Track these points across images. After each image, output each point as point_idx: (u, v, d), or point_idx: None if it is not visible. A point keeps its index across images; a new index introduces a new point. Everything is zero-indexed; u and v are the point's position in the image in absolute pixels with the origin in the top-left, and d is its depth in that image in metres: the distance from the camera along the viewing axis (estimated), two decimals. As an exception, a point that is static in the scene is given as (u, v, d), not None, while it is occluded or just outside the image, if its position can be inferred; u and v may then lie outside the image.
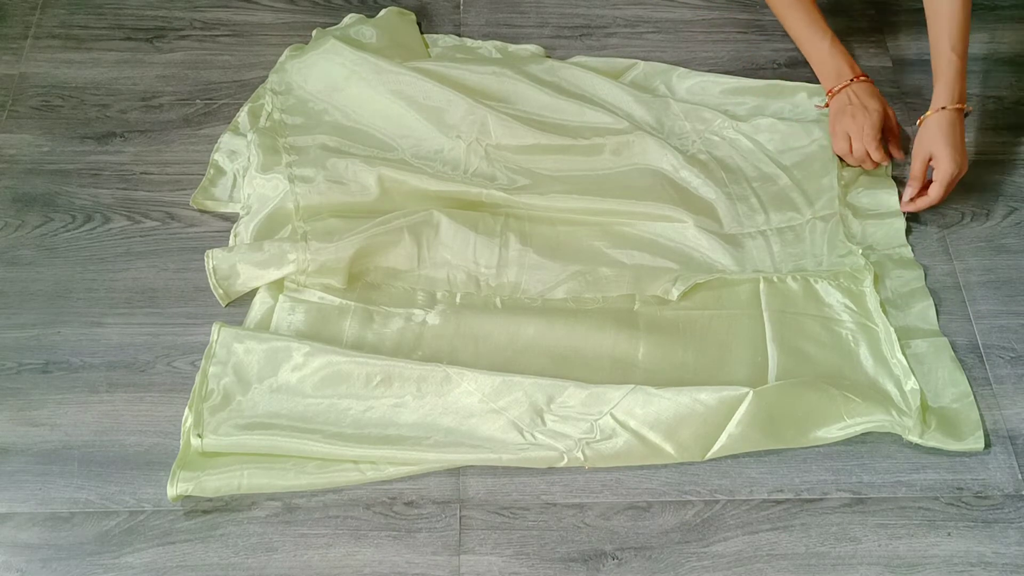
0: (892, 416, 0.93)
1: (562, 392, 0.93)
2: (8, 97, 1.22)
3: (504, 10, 1.36)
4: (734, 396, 0.91)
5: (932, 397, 0.96)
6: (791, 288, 1.04)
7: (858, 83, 1.14)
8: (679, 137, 1.19)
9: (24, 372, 0.98)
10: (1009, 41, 1.33)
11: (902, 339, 1.00)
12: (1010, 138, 1.22)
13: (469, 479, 0.92)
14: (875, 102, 1.13)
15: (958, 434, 0.94)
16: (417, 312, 1.01)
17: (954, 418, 0.95)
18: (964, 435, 0.94)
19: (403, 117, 1.17)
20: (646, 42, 1.32)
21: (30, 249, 1.08)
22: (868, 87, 1.15)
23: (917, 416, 0.93)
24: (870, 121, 1.11)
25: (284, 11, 1.34)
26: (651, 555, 0.88)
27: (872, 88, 1.15)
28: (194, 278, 1.05)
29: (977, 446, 0.93)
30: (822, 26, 1.17)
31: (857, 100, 1.13)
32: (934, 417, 0.94)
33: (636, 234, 1.10)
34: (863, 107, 1.12)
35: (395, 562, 0.87)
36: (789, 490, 0.92)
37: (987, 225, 1.13)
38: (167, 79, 1.25)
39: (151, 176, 1.15)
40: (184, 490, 0.88)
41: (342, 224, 1.05)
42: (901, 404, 0.95)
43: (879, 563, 0.88)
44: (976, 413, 0.95)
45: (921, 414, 0.93)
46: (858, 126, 1.11)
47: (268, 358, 0.95)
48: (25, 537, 0.88)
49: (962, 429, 0.94)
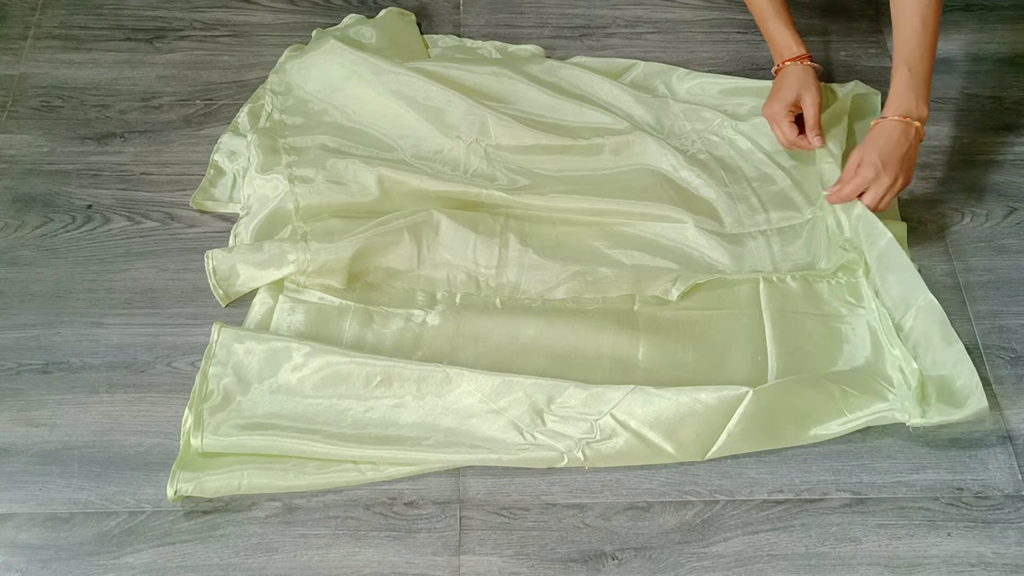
0: (892, 404, 0.93)
1: (562, 392, 0.93)
2: (8, 97, 1.22)
3: (504, 10, 1.36)
4: (734, 395, 0.91)
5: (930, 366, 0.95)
6: (790, 287, 1.04)
7: (786, 66, 1.14)
8: (679, 137, 1.19)
9: (24, 372, 0.98)
10: (1009, 41, 1.33)
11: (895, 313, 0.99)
12: (1010, 138, 1.22)
13: (469, 479, 0.92)
14: (785, 90, 1.12)
15: (958, 401, 0.93)
16: (417, 312, 1.01)
17: (951, 385, 0.94)
18: (963, 401, 0.92)
19: (403, 117, 1.17)
20: (646, 42, 1.32)
21: (30, 249, 1.08)
22: (792, 71, 1.13)
23: (916, 396, 0.92)
24: (775, 107, 1.12)
25: (284, 11, 1.34)
26: (651, 555, 0.88)
27: (796, 71, 1.13)
28: (194, 279, 1.05)
29: (980, 406, 0.91)
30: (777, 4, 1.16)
31: (775, 86, 1.15)
32: (933, 389, 0.94)
33: (636, 234, 1.10)
34: (775, 93, 1.14)
35: (395, 562, 0.87)
36: (789, 490, 0.92)
37: (987, 225, 1.13)
38: (167, 79, 1.25)
39: (151, 176, 1.15)
40: (184, 490, 0.88)
41: (342, 224, 1.05)
42: (902, 388, 0.94)
43: (879, 563, 0.88)
44: (972, 373, 0.93)
45: (920, 392, 0.93)
46: (768, 114, 1.13)
47: (268, 358, 0.95)
48: (25, 537, 0.88)
49: (961, 395, 0.93)
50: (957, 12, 1.36)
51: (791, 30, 1.15)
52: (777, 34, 1.15)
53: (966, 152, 1.20)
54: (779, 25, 1.15)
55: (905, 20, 1.04)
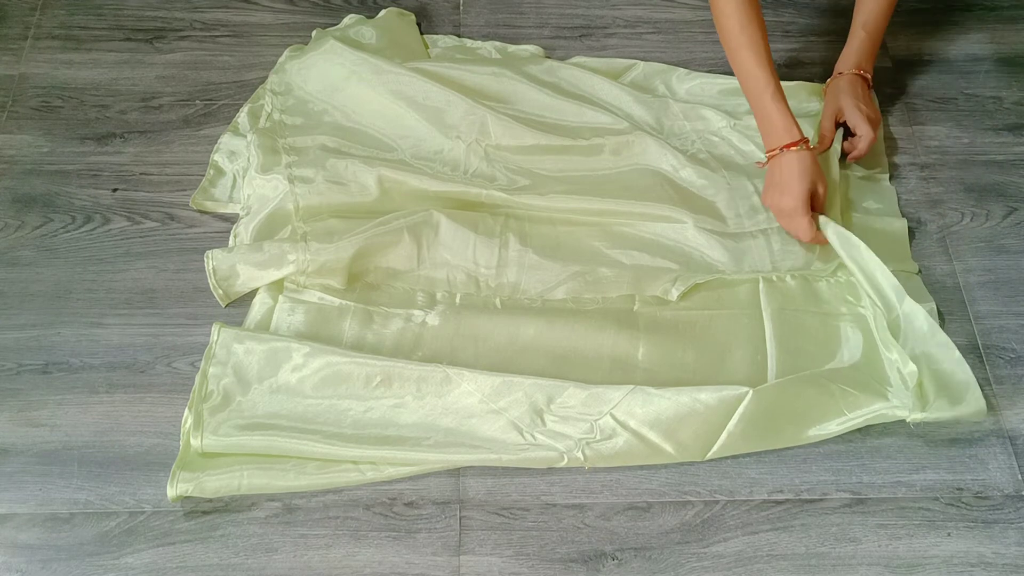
0: (891, 401, 0.93)
1: (562, 392, 0.93)
2: (8, 98, 1.22)
3: (504, 10, 1.36)
4: (734, 395, 0.91)
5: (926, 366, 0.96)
6: (790, 286, 1.04)
7: (788, 153, 1.03)
8: (679, 137, 1.19)
9: (24, 373, 0.98)
10: (1009, 41, 1.33)
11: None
12: (1010, 138, 1.22)
13: (469, 479, 0.92)
14: (798, 184, 1.02)
15: (957, 399, 0.94)
16: (417, 312, 1.01)
17: (949, 384, 0.95)
18: (962, 398, 0.94)
19: (403, 117, 1.17)
20: (646, 42, 1.32)
21: (30, 250, 1.08)
22: (799, 160, 1.02)
23: (915, 394, 0.93)
24: (791, 203, 1.03)
25: (284, 11, 1.34)
26: (651, 555, 0.88)
27: (804, 159, 1.03)
28: (194, 279, 1.05)
29: (979, 405, 0.93)
30: (768, 72, 1.04)
31: (781, 178, 1.04)
32: (931, 388, 0.94)
33: (636, 234, 1.10)
34: (786, 186, 1.03)
35: (395, 562, 0.87)
36: (789, 490, 0.92)
37: (987, 225, 1.13)
38: (167, 80, 1.25)
39: (151, 177, 1.15)
40: (184, 491, 0.88)
41: (342, 224, 1.05)
42: (900, 387, 0.95)
43: (879, 563, 0.88)
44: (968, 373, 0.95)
45: (919, 391, 0.94)
46: (777, 208, 1.06)
47: (268, 359, 0.95)
48: (25, 538, 0.88)
49: (959, 393, 0.94)
50: (957, 12, 1.36)
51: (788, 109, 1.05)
52: (777, 113, 1.04)
53: (966, 152, 1.20)
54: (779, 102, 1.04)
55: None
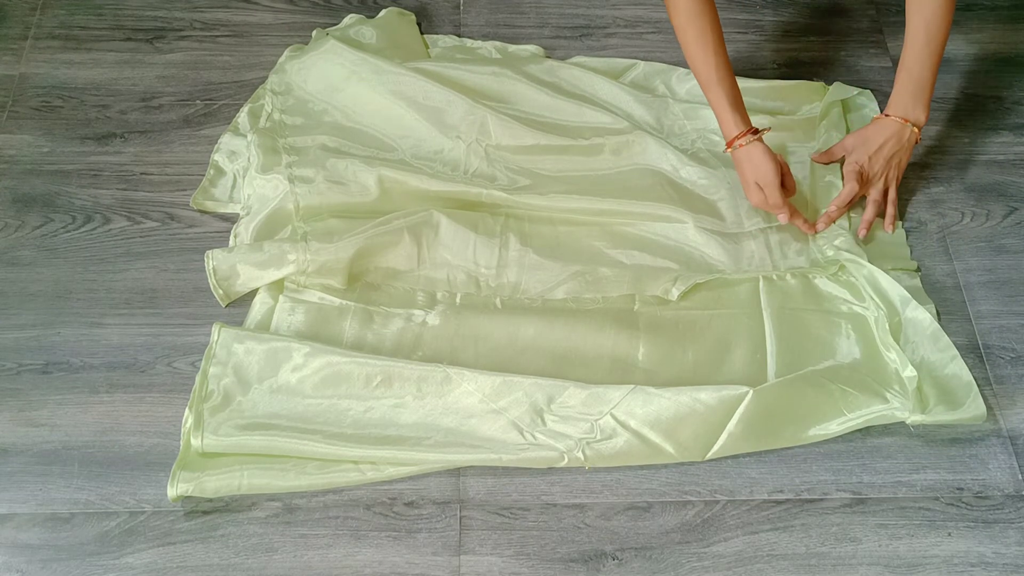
0: (891, 403, 0.93)
1: (562, 392, 0.93)
2: (8, 97, 1.22)
3: (504, 10, 1.36)
4: (734, 395, 0.91)
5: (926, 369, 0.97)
6: (790, 284, 1.04)
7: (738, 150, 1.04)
8: (679, 137, 1.19)
9: (24, 372, 0.98)
10: (1009, 41, 1.33)
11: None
12: (1010, 138, 1.22)
13: (469, 479, 0.92)
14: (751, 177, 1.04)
15: (956, 402, 0.94)
16: (417, 312, 1.01)
17: (949, 386, 0.95)
18: (962, 401, 0.94)
19: (403, 117, 1.17)
20: (646, 42, 1.32)
21: (30, 250, 1.08)
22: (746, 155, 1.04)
23: (915, 397, 0.93)
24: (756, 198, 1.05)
25: (284, 11, 1.34)
26: (651, 555, 0.88)
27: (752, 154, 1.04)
28: (194, 279, 1.05)
29: (978, 409, 0.94)
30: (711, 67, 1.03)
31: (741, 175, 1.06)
32: (931, 391, 0.94)
33: (636, 234, 1.10)
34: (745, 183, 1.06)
35: (395, 562, 0.87)
36: (789, 490, 0.92)
37: (987, 225, 1.13)
38: (167, 79, 1.25)
39: (151, 176, 1.15)
40: (184, 491, 0.88)
41: (342, 224, 1.05)
42: (899, 389, 0.95)
43: (879, 563, 0.88)
44: (968, 376, 0.96)
45: (918, 393, 0.94)
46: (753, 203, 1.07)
47: (268, 359, 0.95)
48: (25, 538, 0.88)
49: (959, 396, 0.95)
50: (957, 12, 1.36)
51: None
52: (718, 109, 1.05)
53: (966, 152, 1.20)
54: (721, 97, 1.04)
55: (913, 27, 1.05)
